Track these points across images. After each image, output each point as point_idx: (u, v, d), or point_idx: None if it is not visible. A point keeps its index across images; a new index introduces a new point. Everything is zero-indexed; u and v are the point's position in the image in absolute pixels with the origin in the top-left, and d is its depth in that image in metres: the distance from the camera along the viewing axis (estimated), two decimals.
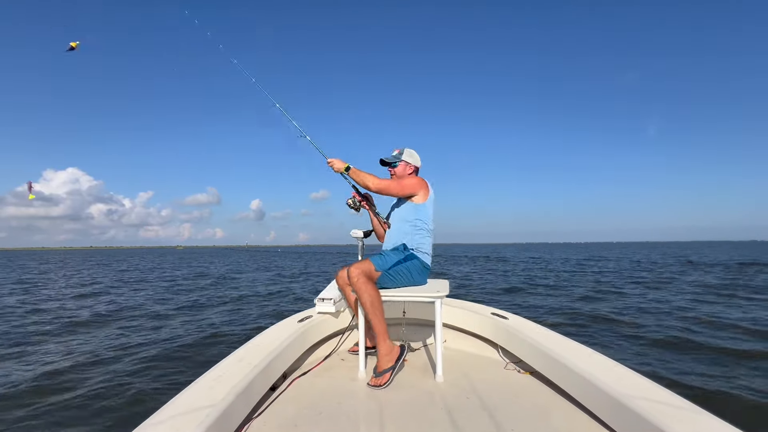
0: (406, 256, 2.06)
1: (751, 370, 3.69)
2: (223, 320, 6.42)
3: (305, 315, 2.40)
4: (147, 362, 4.14)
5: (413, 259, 2.07)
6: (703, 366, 3.85)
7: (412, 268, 2.05)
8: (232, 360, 1.70)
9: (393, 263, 2.02)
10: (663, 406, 1.20)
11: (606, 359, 1.63)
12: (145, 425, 1.16)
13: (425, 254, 2.12)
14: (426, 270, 2.12)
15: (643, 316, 6.20)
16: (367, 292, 1.89)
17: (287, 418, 1.53)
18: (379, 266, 1.98)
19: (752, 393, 3.10)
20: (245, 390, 1.44)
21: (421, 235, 2.14)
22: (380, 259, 2.03)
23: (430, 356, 2.24)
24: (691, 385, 3.29)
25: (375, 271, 1.97)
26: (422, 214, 2.15)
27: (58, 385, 3.56)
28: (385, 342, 1.92)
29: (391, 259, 2.03)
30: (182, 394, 1.37)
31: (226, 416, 1.27)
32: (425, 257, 2.11)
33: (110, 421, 2.90)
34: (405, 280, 2.05)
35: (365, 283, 1.90)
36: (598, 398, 1.41)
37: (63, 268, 23.91)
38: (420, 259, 2.09)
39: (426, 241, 2.15)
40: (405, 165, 2.27)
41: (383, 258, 2.04)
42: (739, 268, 15.87)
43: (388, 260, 2.02)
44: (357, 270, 1.91)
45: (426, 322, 2.58)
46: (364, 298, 1.90)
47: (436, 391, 1.76)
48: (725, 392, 3.14)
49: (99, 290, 11.31)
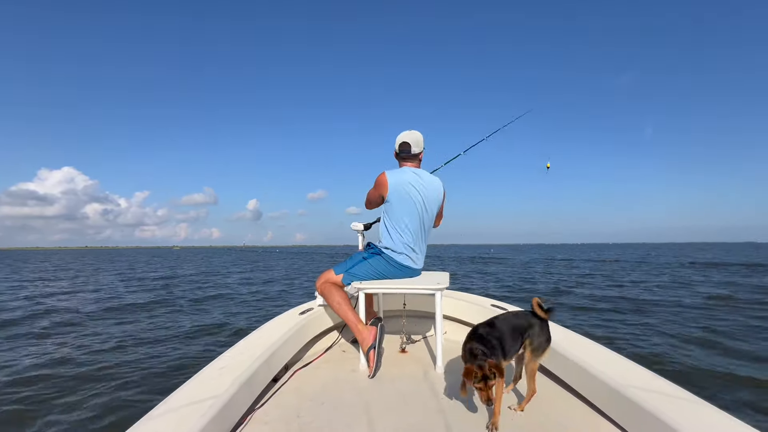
0: (369, 254, 2.11)
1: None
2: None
3: (307, 307, 2.42)
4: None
5: (377, 256, 2.08)
6: (702, 354, 3.88)
7: (375, 263, 2.06)
8: (234, 351, 1.71)
9: (355, 263, 2.09)
10: (660, 396, 1.21)
11: (603, 349, 1.65)
12: (150, 416, 1.17)
13: (391, 251, 2.06)
14: (392, 265, 2.05)
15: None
16: (328, 296, 2.07)
17: (289, 409, 1.53)
18: (338, 270, 2.10)
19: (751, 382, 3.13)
20: (248, 381, 1.45)
21: (387, 232, 2.09)
22: (343, 263, 2.15)
23: (431, 348, 2.26)
24: (687, 372, 3.33)
25: (335, 275, 2.09)
26: (387, 211, 2.10)
27: (59, 378, 3.54)
28: (359, 326, 1.96)
29: (353, 260, 2.11)
30: (186, 385, 1.38)
31: (229, 407, 1.28)
32: (391, 253, 2.05)
33: (114, 412, 2.89)
34: (371, 276, 2.06)
35: (327, 288, 2.08)
36: (595, 387, 1.43)
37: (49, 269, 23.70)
38: (385, 255, 2.06)
39: (392, 237, 2.06)
40: (396, 155, 2.22)
41: (346, 261, 2.14)
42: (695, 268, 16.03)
43: (349, 262, 2.12)
44: (319, 281, 2.14)
45: (426, 314, 2.59)
46: (328, 301, 2.09)
47: (436, 382, 1.77)
48: (722, 376, 3.16)
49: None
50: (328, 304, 2.11)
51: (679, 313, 6.32)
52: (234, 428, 1.35)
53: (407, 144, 2.12)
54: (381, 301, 2.57)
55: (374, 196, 2.12)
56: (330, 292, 2.06)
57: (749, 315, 6.23)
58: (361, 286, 2.02)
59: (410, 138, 2.12)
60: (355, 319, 1.98)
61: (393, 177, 2.04)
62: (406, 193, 2.02)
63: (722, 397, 2.96)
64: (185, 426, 1.09)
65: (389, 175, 2.05)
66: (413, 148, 2.12)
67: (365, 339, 1.92)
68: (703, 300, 7.78)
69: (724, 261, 22.36)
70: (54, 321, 6.42)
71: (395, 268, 2.06)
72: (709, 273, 14.73)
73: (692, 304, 7.28)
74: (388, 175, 2.05)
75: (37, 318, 6.74)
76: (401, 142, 2.13)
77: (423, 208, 2.05)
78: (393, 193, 2.03)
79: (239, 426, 1.39)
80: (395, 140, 2.17)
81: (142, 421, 1.14)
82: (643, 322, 5.71)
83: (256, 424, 1.42)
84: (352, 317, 1.99)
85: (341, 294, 2.05)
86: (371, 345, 1.89)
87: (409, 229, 2.04)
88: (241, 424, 1.40)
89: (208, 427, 1.13)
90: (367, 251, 2.16)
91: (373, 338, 1.91)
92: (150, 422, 1.13)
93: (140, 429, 1.10)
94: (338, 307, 2.03)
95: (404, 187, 2.03)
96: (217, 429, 1.19)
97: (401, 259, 2.05)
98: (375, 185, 2.09)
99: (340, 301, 2.03)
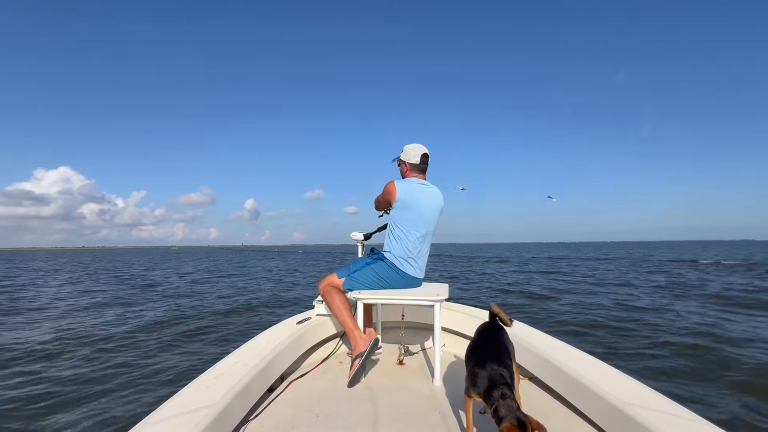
0: (373, 260, 2.14)
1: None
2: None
3: (304, 317, 2.39)
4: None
5: (380, 261, 2.11)
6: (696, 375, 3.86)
7: (377, 269, 2.09)
8: (230, 360, 1.70)
9: (357, 268, 2.13)
10: (662, 415, 1.18)
11: (606, 366, 1.60)
12: (143, 424, 1.16)
13: (395, 257, 2.08)
14: (396, 272, 2.08)
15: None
16: (329, 299, 2.10)
17: (284, 420, 1.52)
18: (341, 274, 2.14)
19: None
20: (243, 391, 1.44)
21: (392, 239, 2.12)
22: (345, 267, 2.18)
23: (429, 360, 2.24)
24: (689, 395, 3.22)
25: (337, 279, 2.13)
26: (394, 218, 2.14)
27: (48, 380, 3.52)
28: (356, 332, 1.99)
29: (355, 265, 2.16)
30: (180, 394, 1.37)
31: (223, 417, 1.27)
32: (394, 259, 2.08)
33: (107, 419, 2.87)
34: (373, 282, 2.08)
35: (329, 292, 2.11)
36: (596, 405, 1.39)
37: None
38: (388, 261, 2.09)
39: (397, 244, 2.09)
40: (402, 164, 2.25)
41: (349, 265, 2.18)
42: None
43: (351, 266, 2.16)
44: (322, 283, 2.17)
45: (425, 325, 2.56)
46: (328, 305, 2.12)
47: (433, 395, 1.75)
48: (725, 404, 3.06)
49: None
50: (328, 307, 2.11)
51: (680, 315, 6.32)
52: None
53: (428, 156, 2.19)
54: (380, 312, 2.53)
55: (382, 202, 2.23)
56: (331, 296, 2.08)
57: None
58: (359, 296, 2.00)
59: (427, 150, 2.19)
60: (353, 325, 2.00)
61: (402, 186, 2.09)
62: (414, 202, 2.08)
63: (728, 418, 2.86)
64: None
65: (398, 184, 2.10)
66: (428, 160, 2.22)
67: (358, 345, 1.94)
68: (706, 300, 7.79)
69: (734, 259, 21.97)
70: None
71: (398, 275, 2.08)
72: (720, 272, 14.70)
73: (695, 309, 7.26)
74: (397, 184, 2.10)
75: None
76: (423, 153, 2.17)
77: (428, 219, 2.10)
78: (400, 202, 2.08)
79: None
80: (405, 150, 2.20)
81: (135, 430, 1.13)
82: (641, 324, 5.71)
83: None
84: (349, 322, 2.01)
85: (342, 298, 2.07)
86: (360, 353, 1.90)
87: (414, 238, 2.08)
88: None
89: None
90: (370, 256, 2.19)
91: (365, 347, 1.91)
92: (143, 431, 1.12)
93: None
94: (337, 310, 2.05)
95: (412, 197, 2.08)
96: None
97: (404, 267, 2.08)
98: (384, 193, 2.15)
99: (339, 305, 2.05)
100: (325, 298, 2.13)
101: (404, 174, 2.23)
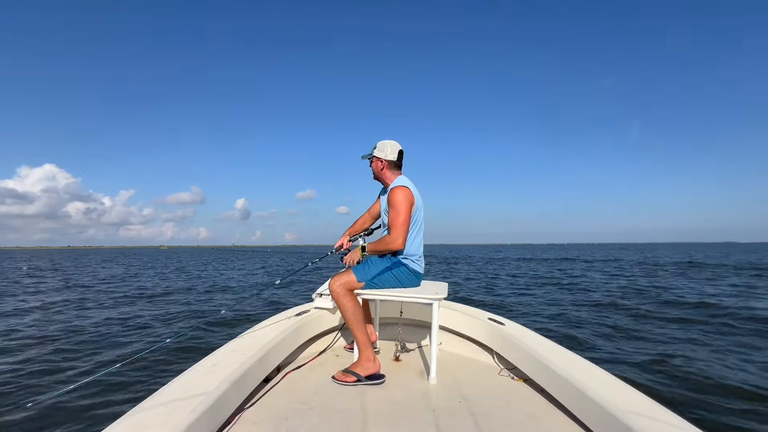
0: (393, 263, 2.02)
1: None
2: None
3: (302, 309, 2.40)
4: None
5: (400, 266, 2.02)
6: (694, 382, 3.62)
7: (399, 275, 2.01)
8: (227, 349, 1.71)
9: (377, 272, 1.97)
10: (657, 423, 1.18)
11: (603, 372, 1.60)
12: (138, 409, 1.17)
13: (413, 261, 2.05)
14: (414, 275, 2.05)
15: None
16: (346, 306, 1.90)
17: (279, 411, 1.53)
18: (361, 277, 1.95)
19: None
20: (239, 380, 1.44)
21: (409, 242, 2.05)
22: (363, 267, 1.99)
23: (425, 358, 2.24)
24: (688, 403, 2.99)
25: (357, 282, 1.95)
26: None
27: (38, 369, 3.44)
28: (368, 351, 1.88)
29: (376, 268, 1.98)
30: (177, 380, 1.37)
31: (219, 404, 1.28)
32: (413, 264, 2.05)
33: (102, 406, 2.84)
34: (392, 285, 2.02)
35: (344, 295, 1.90)
36: (591, 410, 1.38)
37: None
38: (408, 266, 2.03)
39: (411, 247, 2.04)
40: (376, 161, 2.13)
41: (367, 266, 2.00)
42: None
43: (371, 269, 1.98)
44: (337, 282, 1.92)
45: (422, 323, 2.58)
46: (343, 310, 1.92)
47: (428, 393, 1.75)
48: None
49: None
50: (339, 309, 1.95)
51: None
52: (222, 426, 1.35)
53: (402, 152, 2.13)
54: (378, 308, 2.54)
55: (410, 213, 1.99)
56: (345, 301, 1.90)
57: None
58: (360, 292, 1.97)
59: (401, 147, 2.13)
60: (366, 340, 1.90)
61: (412, 189, 2.04)
62: (420, 202, 2.07)
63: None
64: (174, 420, 1.09)
65: (410, 187, 2.03)
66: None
67: (363, 365, 1.86)
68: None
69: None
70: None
71: (416, 277, 2.07)
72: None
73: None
74: (409, 187, 2.03)
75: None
76: (399, 150, 2.11)
77: (423, 215, 2.10)
78: (415, 206, 2.02)
79: (228, 425, 1.38)
80: (380, 146, 2.10)
81: (131, 413, 1.14)
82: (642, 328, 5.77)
83: (245, 423, 1.42)
84: (363, 337, 1.89)
85: (359, 308, 1.93)
86: (360, 378, 1.82)
87: (420, 238, 2.09)
88: (230, 422, 1.40)
89: (197, 423, 1.13)
90: (388, 260, 2.04)
91: (367, 373, 1.84)
92: (139, 415, 1.13)
93: (129, 421, 1.10)
94: (352, 319, 1.89)
95: (419, 197, 2.07)
96: (205, 426, 1.19)
97: (418, 268, 2.07)
98: (405, 204, 1.95)
99: (356, 314, 1.90)
100: (339, 301, 1.92)
101: (380, 171, 2.13)
